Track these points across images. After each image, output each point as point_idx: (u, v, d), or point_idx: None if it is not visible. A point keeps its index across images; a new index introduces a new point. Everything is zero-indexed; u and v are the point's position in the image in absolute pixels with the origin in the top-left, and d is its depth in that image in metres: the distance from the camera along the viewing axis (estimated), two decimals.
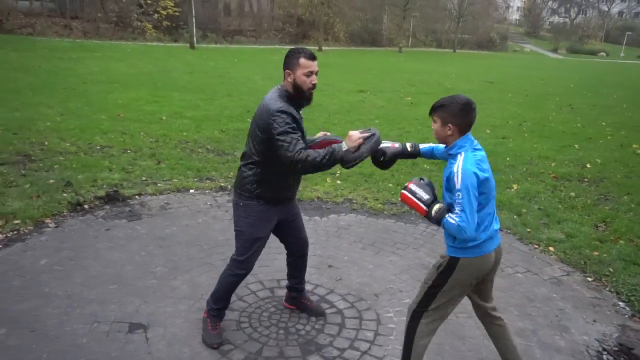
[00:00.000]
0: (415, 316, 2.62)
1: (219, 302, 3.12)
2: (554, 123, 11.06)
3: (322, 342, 3.13)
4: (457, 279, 2.48)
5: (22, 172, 5.68)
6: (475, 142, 2.49)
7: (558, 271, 4.23)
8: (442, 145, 2.63)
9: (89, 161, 6.23)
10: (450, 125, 2.41)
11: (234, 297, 3.54)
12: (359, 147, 2.71)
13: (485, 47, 46.64)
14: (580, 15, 63.28)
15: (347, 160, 2.71)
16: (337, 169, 6.61)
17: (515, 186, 6.29)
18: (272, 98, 2.83)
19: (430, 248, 4.52)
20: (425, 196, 2.45)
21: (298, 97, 2.84)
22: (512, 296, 3.78)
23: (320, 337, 3.18)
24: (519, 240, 4.80)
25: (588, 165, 7.43)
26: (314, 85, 2.83)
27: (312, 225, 4.87)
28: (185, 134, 8.02)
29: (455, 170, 2.33)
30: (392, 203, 5.54)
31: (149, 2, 26.11)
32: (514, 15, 72.88)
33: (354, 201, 5.53)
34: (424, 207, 2.44)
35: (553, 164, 7.42)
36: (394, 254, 4.36)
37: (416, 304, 2.62)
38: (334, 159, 2.69)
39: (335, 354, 3.02)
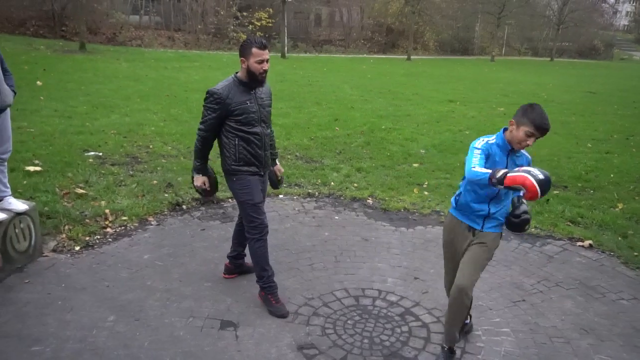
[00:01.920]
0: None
1: (264, 272, 3.51)
2: None
3: (406, 355, 3.10)
4: None
5: (130, 172, 6.18)
6: None
7: None
8: None
9: (188, 164, 6.64)
10: (522, 127, 2.77)
11: (319, 303, 3.62)
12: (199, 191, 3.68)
13: (588, 55, 43.58)
14: None
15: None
16: (426, 179, 6.51)
17: (620, 205, 5.81)
18: (218, 83, 3.34)
19: (522, 266, 4.31)
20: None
21: (251, 81, 3.30)
22: (616, 325, 3.50)
23: (405, 349, 3.15)
24: (624, 264, 4.44)
25: None
26: (265, 71, 3.28)
27: (398, 236, 4.84)
28: (276, 140, 8.27)
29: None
30: None
31: (245, 14, 27.39)
32: (622, 21, 67.45)
33: (442, 213, 5.41)
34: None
35: None
36: (483, 271, 4.20)
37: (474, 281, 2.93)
38: (193, 168, 3.53)
39: None
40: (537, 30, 43.55)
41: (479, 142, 2.89)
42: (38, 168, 5.81)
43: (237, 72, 3.38)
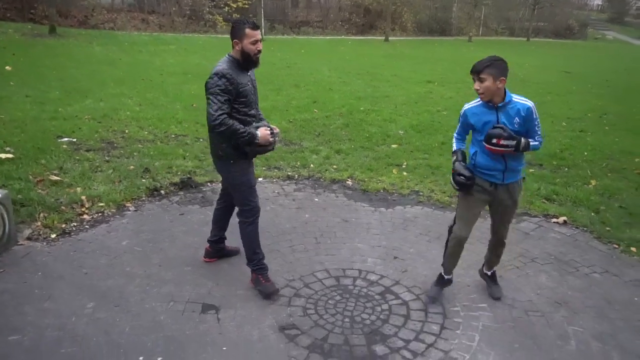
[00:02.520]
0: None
1: (254, 256, 3.52)
2: (639, 116, 10.31)
3: (387, 333, 3.15)
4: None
5: (106, 158, 6.08)
6: None
7: None
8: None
9: (165, 149, 6.56)
10: (502, 78, 2.96)
11: (300, 284, 3.65)
12: (267, 144, 3.31)
13: (563, 35, 44.00)
14: None
15: (249, 150, 3.31)
16: (404, 160, 6.55)
17: (593, 182, 5.95)
18: (218, 63, 3.23)
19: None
20: (513, 142, 3.02)
21: (246, 62, 3.25)
22: (589, 297, 3.61)
23: (386, 327, 3.20)
24: (597, 239, 4.56)
25: None
26: (259, 51, 3.24)
27: (378, 216, 4.88)
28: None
29: (531, 105, 3.07)
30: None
31: None
32: (596, 1, 68.23)
33: (421, 193, 5.47)
34: (512, 149, 3.04)
35: (637, 160, 6.94)
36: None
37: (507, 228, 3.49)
38: (247, 141, 3.22)
39: (400, 345, 3.03)
40: (514, 11, 43.74)
41: (463, 109, 3.27)
42: (10, 155, 5.67)
43: (229, 54, 3.29)
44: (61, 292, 3.44)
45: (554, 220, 4.90)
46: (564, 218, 4.90)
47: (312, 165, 6.24)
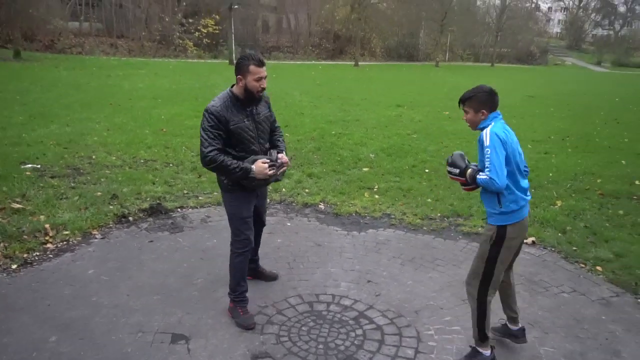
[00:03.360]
0: (482, 293, 2.93)
1: (238, 287, 3.44)
2: (599, 138, 10.71)
3: (361, 358, 3.10)
4: (510, 246, 2.86)
5: (72, 184, 5.92)
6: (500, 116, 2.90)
7: (607, 292, 4.06)
8: None
9: (133, 174, 6.44)
10: (483, 111, 2.84)
11: (273, 311, 3.58)
12: (265, 177, 3.18)
13: (525, 61, 45.75)
14: (626, 27, 61.30)
15: (247, 185, 3.22)
16: (376, 183, 6.60)
17: (559, 203, 6.11)
18: (214, 98, 3.21)
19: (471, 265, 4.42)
20: (456, 170, 2.90)
21: (248, 99, 3.19)
22: (559, 317, 3.65)
23: (360, 353, 3.16)
24: (564, 259, 4.65)
25: (637, 182, 7.14)
26: (263, 89, 3.18)
27: (350, 240, 4.87)
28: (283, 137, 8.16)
29: (484, 132, 2.78)
30: (431, 218, 5.47)
31: (190, 20, 26.96)
32: (555, 28, 71.26)
33: (392, 216, 5.50)
34: (462, 178, 2.89)
35: (599, 180, 7.17)
36: (433, 270, 4.30)
37: (479, 281, 2.93)
38: (241, 176, 3.14)
39: None
40: (478, 37, 45.33)
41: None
42: None
43: (232, 86, 3.23)
44: (22, 325, 3.28)
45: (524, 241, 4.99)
46: (533, 239, 4.99)
47: (284, 189, 6.21)
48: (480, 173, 2.79)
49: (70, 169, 6.54)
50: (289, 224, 5.23)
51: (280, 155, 3.32)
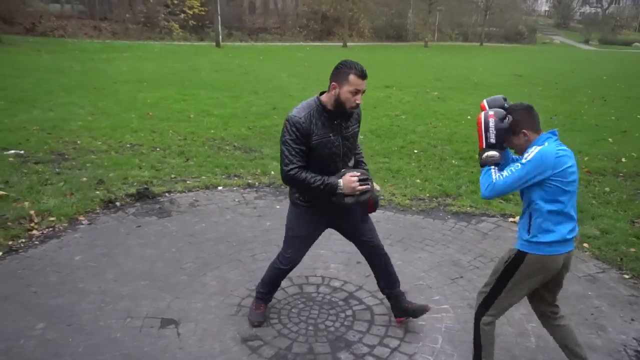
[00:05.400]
0: (479, 312, 2.69)
1: (265, 287, 3.27)
2: (586, 116, 10.77)
3: (351, 339, 3.12)
4: (523, 273, 2.50)
5: (57, 170, 5.83)
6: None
7: (593, 268, 4.11)
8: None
9: (119, 159, 6.36)
10: (524, 131, 2.42)
11: None
12: (352, 194, 2.77)
13: (513, 39, 45.63)
14: (613, 5, 61.33)
15: (336, 202, 2.81)
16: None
17: None
18: (299, 105, 2.84)
19: (460, 245, 4.45)
20: (493, 139, 2.42)
21: (338, 112, 2.78)
22: None
23: (350, 333, 3.17)
24: None
25: (623, 160, 7.20)
26: (358, 104, 2.78)
27: None
28: (212, 131, 8.10)
29: (533, 148, 2.36)
30: (419, 199, 5.48)
31: (175, 2, 26.45)
32: (543, 7, 71.06)
33: (382, 197, 5.49)
34: (484, 145, 2.44)
35: (586, 158, 7.22)
36: (422, 251, 4.32)
37: (483, 297, 2.67)
38: (326, 194, 2.77)
39: (365, 351, 3.01)
40: (467, 16, 45.06)
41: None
42: None
43: (320, 95, 2.84)
44: (7, 313, 3.24)
45: (511, 219, 5.02)
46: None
47: (272, 172, 6.17)
48: (496, 168, 2.44)
49: (55, 154, 6.43)
50: (278, 206, 5.20)
51: (366, 174, 2.87)
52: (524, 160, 2.35)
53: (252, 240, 4.41)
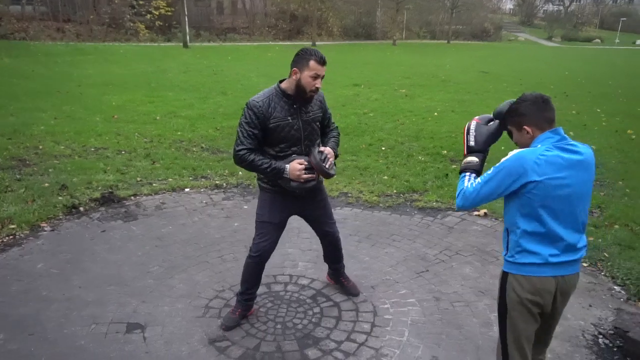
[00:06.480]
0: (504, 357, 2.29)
1: (241, 285, 3.26)
2: None
3: (319, 335, 3.15)
4: (511, 298, 2.18)
5: (17, 176, 5.68)
6: (568, 140, 2.08)
7: None
8: None
9: (83, 163, 6.23)
10: (526, 127, 2.12)
11: (230, 294, 3.57)
12: (298, 180, 2.91)
13: (480, 37, 46.48)
14: (575, 3, 63.10)
15: (283, 185, 2.97)
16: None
17: None
18: (258, 93, 2.97)
19: (426, 239, 4.53)
20: (472, 141, 2.28)
21: (298, 96, 2.91)
22: None
23: (318, 330, 3.20)
24: None
25: None
26: (317, 89, 2.89)
27: None
28: (179, 133, 8.02)
29: (514, 151, 2.08)
30: (387, 195, 5.55)
31: (141, 2, 25.99)
32: (508, 5, 72.56)
33: (349, 195, 5.54)
34: (465, 151, 2.31)
35: None
36: (390, 246, 4.38)
37: (499, 350, 2.32)
38: (273, 176, 2.93)
39: (333, 347, 3.04)
40: (434, 14, 45.65)
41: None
42: None
43: (280, 82, 2.99)
44: None
45: (476, 213, 5.13)
46: (485, 210, 5.14)
47: (240, 172, 6.15)
48: (471, 175, 2.22)
49: (15, 160, 6.27)
50: (246, 207, 5.19)
51: (322, 148, 3.03)
52: (499, 163, 2.08)
53: (220, 242, 4.40)
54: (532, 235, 2.07)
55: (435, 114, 10.25)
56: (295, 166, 2.88)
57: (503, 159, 2.08)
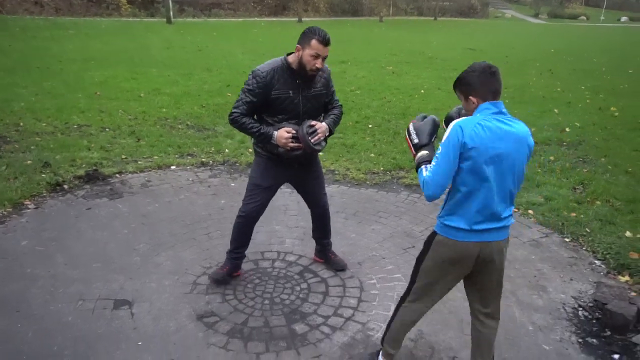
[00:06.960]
0: (404, 293, 2.53)
1: (231, 244, 3.40)
2: (534, 89, 11.12)
3: (306, 311, 3.18)
4: (433, 257, 2.32)
5: None
6: (507, 115, 2.16)
7: (537, 233, 4.32)
8: None
9: (66, 141, 6.13)
10: (471, 98, 2.17)
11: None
12: (285, 147, 3.01)
13: (467, 14, 46.23)
14: None
15: (272, 151, 3.10)
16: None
17: None
18: (269, 61, 3.04)
19: (412, 216, 4.57)
20: (416, 139, 2.33)
21: (299, 72, 2.98)
22: None
23: (305, 305, 3.24)
24: None
25: (567, 129, 7.51)
26: (318, 69, 2.95)
27: (295, 198, 4.86)
28: (164, 110, 7.91)
29: (452, 122, 2.13)
30: (374, 173, 5.57)
31: None
32: None
33: (337, 172, 5.55)
34: (413, 151, 2.32)
35: (533, 129, 7.43)
36: (376, 223, 4.42)
37: (407, 285, 2.52)
38: (262, 140, 3.07)
39: (320, 322, 3.08)
40: None
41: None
42: None
43: (288, 54, 3.02)
44: None
45: None
46: None
47: (227, 150, 6.11)
48: (426, 165, 2.19)
49: None
50: (233, 184, 5.17)
51: (315, 122, 3.06)
52: (442, 142, 2.11)
53: (207, 219, 4.39)
54: (463, 200, 2.16)
55: (422, 91, 10.24)
56: (282, 134, 2.97)
57: (445, 134, 2.12)
